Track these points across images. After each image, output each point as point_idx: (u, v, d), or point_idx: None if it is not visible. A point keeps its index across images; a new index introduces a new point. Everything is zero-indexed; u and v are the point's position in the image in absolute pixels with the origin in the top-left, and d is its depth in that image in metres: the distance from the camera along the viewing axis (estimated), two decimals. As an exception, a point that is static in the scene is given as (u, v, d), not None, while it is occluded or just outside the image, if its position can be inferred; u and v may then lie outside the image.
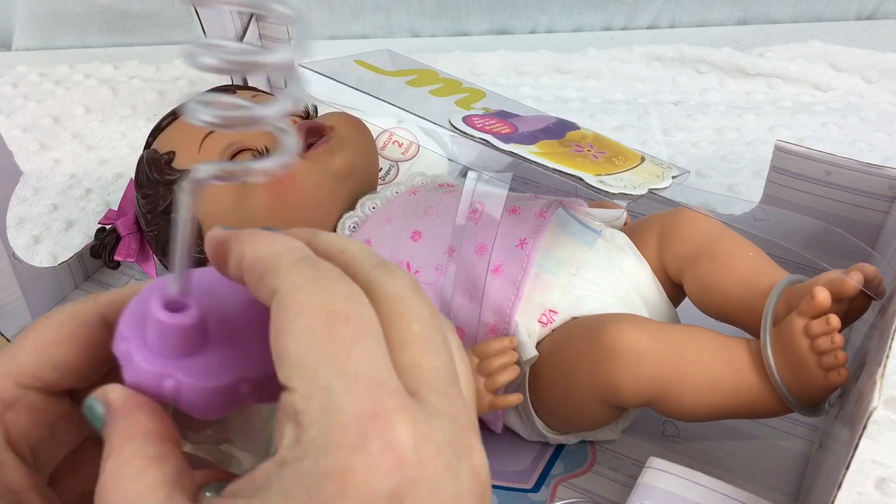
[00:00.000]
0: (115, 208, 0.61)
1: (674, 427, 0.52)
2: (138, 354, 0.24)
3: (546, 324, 0.48)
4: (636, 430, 0.52)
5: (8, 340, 0.55)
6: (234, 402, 0.24)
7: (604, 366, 0.44)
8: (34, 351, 0.25)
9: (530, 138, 0.47)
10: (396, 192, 0.55)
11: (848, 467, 0.36)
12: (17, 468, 0.24)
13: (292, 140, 0.23)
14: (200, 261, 0.65)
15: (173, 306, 0.24)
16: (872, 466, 0.49)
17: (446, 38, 0.99)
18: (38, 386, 0.25)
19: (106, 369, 0.26)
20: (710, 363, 0.44)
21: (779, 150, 0.56)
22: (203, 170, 0.22)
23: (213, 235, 0.25)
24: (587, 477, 0.50)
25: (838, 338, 0.41)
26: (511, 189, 0.46)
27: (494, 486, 0.50)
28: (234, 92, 0.59)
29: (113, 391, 0.24)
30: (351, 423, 0.19)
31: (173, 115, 0.58)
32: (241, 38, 0.70)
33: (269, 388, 0.23)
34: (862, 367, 0.43)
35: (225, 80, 0.69)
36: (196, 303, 0.24)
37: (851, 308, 0.44)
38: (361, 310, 0.21)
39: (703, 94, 0.85)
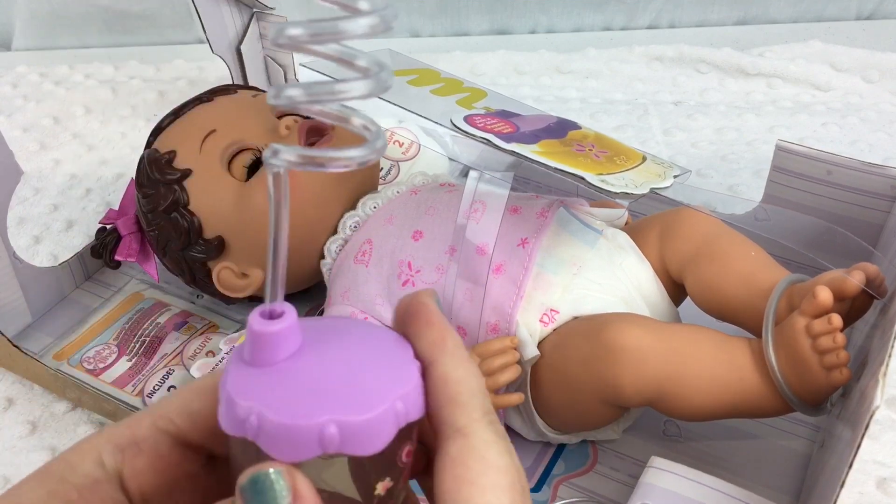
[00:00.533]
0: (116, 208, 0.61)
1: (675, 427, 0.52)
2: (271, 411, 0.21)
3: (547, 323, 0.48)
4: (637, 430, 0.52)
5: (9, 340, 0.55)
6: (393, 435, 0.22)
7: (605, 365, 0.44)
8: (178, 396, 0.25)
9: (532, 137, 0.47)
10: (397, 192, 0.55)
11: (850, 467, 0.36)
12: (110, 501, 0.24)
13: (380, 134, 0.21)
14: (195, 259, 0.64)
15: (272, 315, 0.23)
16: (874, 466, 0.49)
17: (446, 38, 0.99)
18: (170, 430, 0.24)
19: None
20: (712, 362, 0.44)
21: (780, 150, 0.56)
22: (284, 153, 0.21)
23: (423, 303, 0.25)
24: (588, 476, 0.50)
25: (840, 337, 0.41)
26: (512, 188, 0.46)
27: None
28: (236, 91, 0.59)
29: (304, 482, 0.21)
30: None
31: (174, 115, 0.58)
32: (241, 39, 0.70)
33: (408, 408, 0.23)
34: (864, 367, 0.43)
35: (226, 81, 0.69)
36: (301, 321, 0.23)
37: (853, 307, 0.44)
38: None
39: (703, 94, 0.85)
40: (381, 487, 0.23)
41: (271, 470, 0.21)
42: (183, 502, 0.25)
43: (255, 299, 0.58)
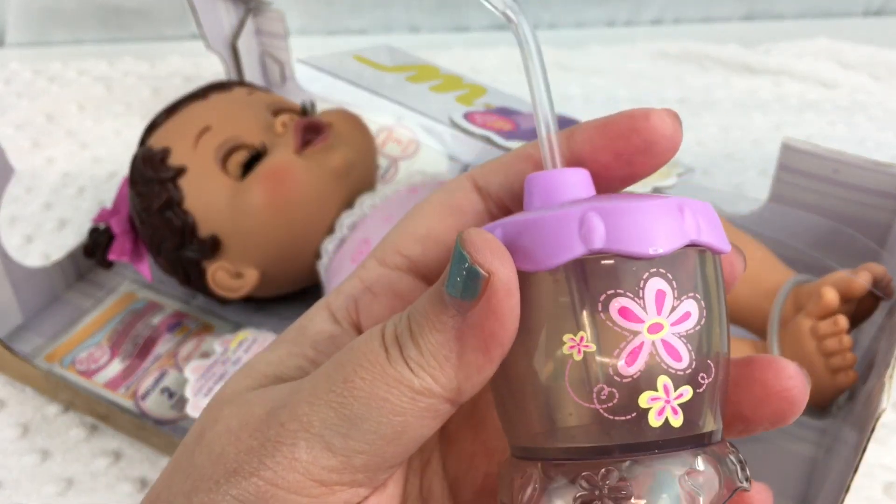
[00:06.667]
0: (109, 207, 0.60)
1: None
2: (617, 201, 0.17)
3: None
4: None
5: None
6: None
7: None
8: (400, 228, 0.23)
9: (532, 135, 0.46)
10: (396, 191, 0.54)
11: (856, 471, 0.35)
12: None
13: None
14: (189, 259, 0.63)
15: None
16: (881, 470, 0.49)
17: (446, 34, 0.98)
18: (400, 264, 0.23)
19: None
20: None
21: (786, 148, 0.55)
22: None
23: None
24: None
25: (846, 339, 0.41)
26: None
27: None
28: (231, 88, 0.58)
29: (506, 263, 0.18)
30: None
31: (168, 112, 0.57)
32: (238, 34, 0.69)
33: None
34: (870, 369, 0.42)
35: (221, 78, 0.68)
36: None
37: (860, 309, 0.43)
38: None
39: (708, 92, 0.84)
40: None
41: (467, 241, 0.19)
42: None
43: (250, 300, 0.58)
